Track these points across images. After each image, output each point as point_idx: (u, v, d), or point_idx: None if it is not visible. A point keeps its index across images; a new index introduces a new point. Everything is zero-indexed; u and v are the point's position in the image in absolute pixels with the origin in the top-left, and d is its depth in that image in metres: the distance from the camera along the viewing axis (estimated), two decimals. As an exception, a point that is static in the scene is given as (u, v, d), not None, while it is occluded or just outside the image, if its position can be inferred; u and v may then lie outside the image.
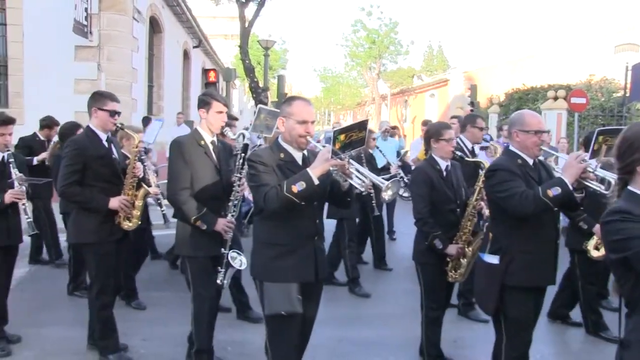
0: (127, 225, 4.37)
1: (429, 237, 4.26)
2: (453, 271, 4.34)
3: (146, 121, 10.62)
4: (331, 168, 3.10)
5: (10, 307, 4.78)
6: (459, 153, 4.53)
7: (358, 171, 3.18)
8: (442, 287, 4.41)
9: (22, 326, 4.94)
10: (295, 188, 3.01)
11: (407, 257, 7.95)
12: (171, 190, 4.02)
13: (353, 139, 3.09)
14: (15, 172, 4.46)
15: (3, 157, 4.53)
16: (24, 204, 4.48)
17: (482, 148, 6.50)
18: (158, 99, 16.40)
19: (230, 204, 4.07)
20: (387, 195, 3.23)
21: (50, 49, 11.64)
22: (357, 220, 7.06)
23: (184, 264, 4.42)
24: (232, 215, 4.07)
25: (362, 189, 3.19)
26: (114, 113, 4.34)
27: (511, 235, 3.50)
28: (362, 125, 3.13)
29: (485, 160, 4.34)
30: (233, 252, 4.03)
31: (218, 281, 3.98)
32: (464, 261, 4.31)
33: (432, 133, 4.50)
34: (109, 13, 12.07)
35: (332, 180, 3.33)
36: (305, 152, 3.40)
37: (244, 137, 4.20)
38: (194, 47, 21.67)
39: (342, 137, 3.04)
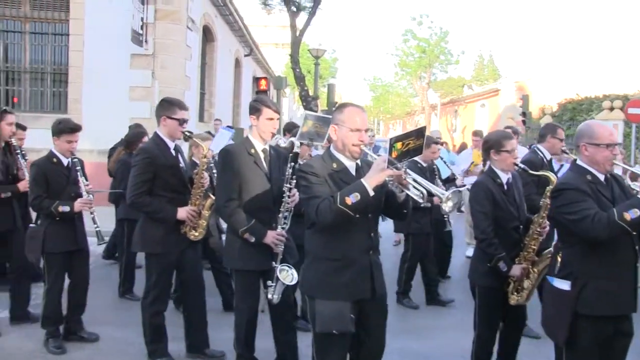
0: (194, 235, 4.31)
1: (491, 259, 3.93)
2: (515, 293, 3.99)
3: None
4: (387, 178, 2.96)
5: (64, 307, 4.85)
6: (522, 165, 4.19)
7: (416, 181, 3.01)
8: (499, 310, 4.07)
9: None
10: (349, 200, 2.88)
11: (456, 268, 8.01)
12: (219, 201, 3.93)
13: (410, 147, 2.93)
14: (83, 180, 4.56)
15: (68, 162, 4.62)
16: (92, 213, 4.56)
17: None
18: (210, 106, 16.67)
19: (280, 215, 3.89)
20: (447, 206, 3.04)
21: (107, 58, 11.96)
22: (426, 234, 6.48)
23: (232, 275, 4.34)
24: (283, 228, 3.89)
25: (421, 200, 3.02)
26: (182, 121, 4.26)
27: (583, 259, 3.17)
28: (419, 133, 2.97)
29: (551, 175, 3.96)
30: (284, 266, 3.87)
31: (269, 296, 3.83)
32: (527, 282, 3.96)
33: (493, 144, 4.14)
34: (164, 22, 12.34)
35: (387, 191, 3.18)
36: (358, 161, 3.26)
37: (294, 145, 4.00)
38: (245, 55, 21.98)
39: (398, 145, 2.90)
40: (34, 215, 5.04)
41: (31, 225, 4.77)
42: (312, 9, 19.83)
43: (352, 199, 2.88)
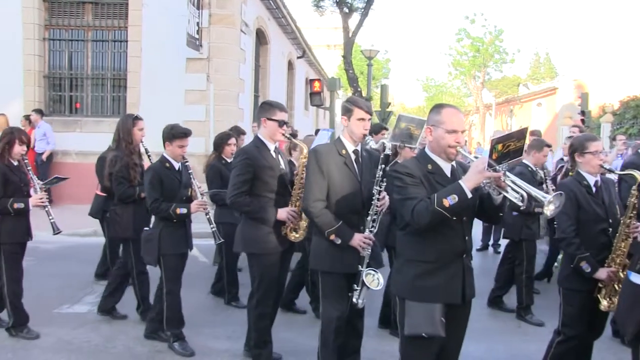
0: (294, 236, 4.31)
1: (574, 260, 3.82)
2: (607, 299, 3.81)
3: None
4: (484, 180, 2.90)
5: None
6: (607, 166, 4.07)
7: (515, 184, 2.90)
8: (585, 316, 3.89)
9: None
10: (447, 202, 2.83)
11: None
12: (305, 202, 3.88)
13: (511, 148, 2.83)
14: (195, 183, 4.70)
15: (179, 166, 4.76)
16: (207, 214, 4.68)
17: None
18: (262, 108, 16.83)
19: (369, 218, 3.79)
20: (549, 210, 2.86)
21: (164, 62, 12.27)
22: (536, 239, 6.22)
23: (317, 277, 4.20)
24: (371, 231, 3.80)
25: (520, 204, 2.90)
26: (282, 123, 4.29)
27: None
28: (521, 134, 2.87)
29: (637, 173, 3.80)
30: (370, 270, 3.79)
31: (353, 300, 3.77)
32: (620, 287, 3.71)
33: (577, 146, 4.05)
34: (219, 26, 12.54)
35: (481, 193, 3.09)
36: (453, 163, 3.19)
37: (385, 147, 3.86)
38: (298, 57, 22.10)
39: (499, 146, 2.80)
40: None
41: (145, 228, 4.94)
42: (365, 9, 19.77)
43: (450, 200, 2.84)
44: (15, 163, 4.99)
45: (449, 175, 3.15)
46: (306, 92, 23.75)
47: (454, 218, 2.93)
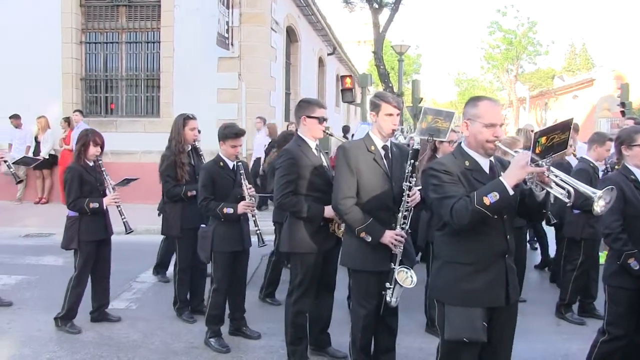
0: (342, 233, 4.27)
1: (621, 257, 3.68)
2: None
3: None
4: (527, 176, 2.79)
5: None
6: None
7: (560, 178, 2.78)
8: (634, 315, 3.74)
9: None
10: (488, 200, 2.71)
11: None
12: (334, 199, 3.85)
13: (555, 141, 2.68)
14: (245, 183, 4.77)
15: (234, 165, 4.84)
16: (254, 215, 4.76)
17: None
18: (294, 106, 16.89)
19: (399, 215, 3.74)
20: (599, 207, 2.73)
21: (196, 62, 12.42)
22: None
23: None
24: (402, 228, 3.76)
25: (566, 200, 2.76)
26: (322, 119, 4.29)
27: None
28: (565, 126, 2.71)
29: None
30: (402, 268, 3.75)
31: (387, 299, 3.74)
32: None
33: (624, 139, 3.91)
34: (249, 25, 12.62)
35: (522, 189, 2.98)
36: (492, 158, 3.09)
37: (414, 141, 3.86)
38: (329, 54, 22.11)
39: (543, 139, 2.65)
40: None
41: (202, 225, 5.06)
42: (395, 4, 19.67)
43: (491, 198, 2.72)
44: (91, 164, 5.20)
45: (487, 171, 3.04)
46: (337, 89, 23.74)
47: (495, 216, 2.84)
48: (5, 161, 5.59)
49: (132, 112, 13.28)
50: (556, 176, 2.78)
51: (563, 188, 2.77)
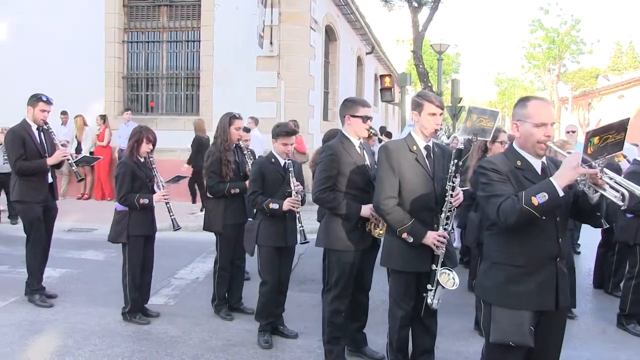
0: (378, 233, 4.27)
1: None
2: None
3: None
4: (578, 177, 2.71)
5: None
6: None
7: (614, 181, 2.68)
8: None
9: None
10: (536, 200, 2.66)
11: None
12: (376, 199, 3.82)
13: (609, 142, 2.59)
14: (293, 181, 4.81)
15: (285, 163, 4.89)
16: (298, 212, 4.80)
17: None
18: (333, 105, 16.87)
19: (442, 215, 3.71)
20: None
21: (235, 61, 12.52)
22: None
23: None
24: (445, 229, 3.71)
25: (620, 203, 2.66)
26: (366, 118, 4.28)
27: None
28: (621, 126, 2.61)
29: None
30: (444, 269, 3.70)
31: (428, 300, 3.70)
32: None
33: None
34: (288, 24, 12.65)
35: (576, 191, 2.91)
36: (544, 159, 3.03)
37: (457, 141, 3.79)
38: (367, 53, 22.00)
39: (595, 139, 2.58)
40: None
41: (249, 219, 5.16)
42: (434, 3, 19.47)
43: (540, 199, 2.66)
44: (142, 160, 5.32)
45: (539, 172, 2.97)
46: (375, 88, 23.64)
47: (544, 217, 2.76)
48: (68, 159, 5.72)
49: (172, 110, 13.48)
50: (610, 178, 2.68)
51: (617, 190, 2.66)
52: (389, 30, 36.70)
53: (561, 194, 2.66)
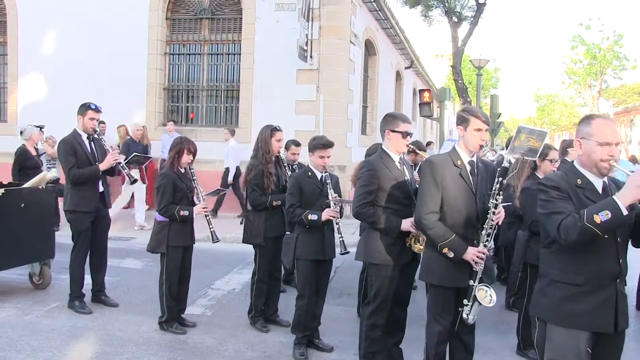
0: (418, 248, 4.24)
1: None
2: None
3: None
4: None
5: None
6: None
7: None
8: None
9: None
10: (599, 218, 2.62)
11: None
12: (418, 213, 3.79)
13: None
14: (331, 193, 4.84)
15: (321, 176, 4.93)
16: (337, 223, 4.82)
17: None
18: (371, 119, 16.84)
19: (483, 232, 3.68)
20: None
21: (275, 74, 12.61)
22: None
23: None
24: (485, 245, 3.68)
25: None
26: (406, 134, 4.28)
27: None
28: None
29: None
30: (482, 285, 3.65)
31: (464, 315, 3.66)
32: None
33: None
34: (328, 38, 12.68)
35: (638, 211, 2.85)
36: (606, 179, 2.97)
37: (503, 158, 3.73)
38: (406, 67, 21.95)
39: None
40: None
41: (287, 232, 5.19)
42: (474, 18, 19.32)
43: (602, 217, 2.62)
44: (183, 171, 5.38)
45: (600, 191, 2.91)
46: (414, 103, 23.52)
47: (606, 236, 2.69)
48: (119, 163, 5.80)
49: (211, 121, 13.63)
50: None
51: None
52: (428, 44, 36.58)
53: (624, 212, 2.60)
